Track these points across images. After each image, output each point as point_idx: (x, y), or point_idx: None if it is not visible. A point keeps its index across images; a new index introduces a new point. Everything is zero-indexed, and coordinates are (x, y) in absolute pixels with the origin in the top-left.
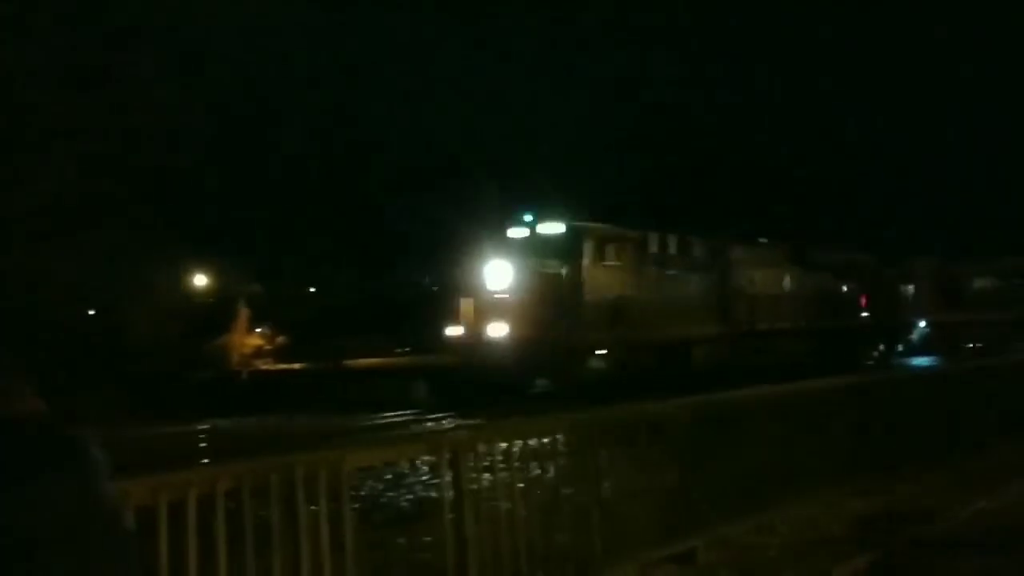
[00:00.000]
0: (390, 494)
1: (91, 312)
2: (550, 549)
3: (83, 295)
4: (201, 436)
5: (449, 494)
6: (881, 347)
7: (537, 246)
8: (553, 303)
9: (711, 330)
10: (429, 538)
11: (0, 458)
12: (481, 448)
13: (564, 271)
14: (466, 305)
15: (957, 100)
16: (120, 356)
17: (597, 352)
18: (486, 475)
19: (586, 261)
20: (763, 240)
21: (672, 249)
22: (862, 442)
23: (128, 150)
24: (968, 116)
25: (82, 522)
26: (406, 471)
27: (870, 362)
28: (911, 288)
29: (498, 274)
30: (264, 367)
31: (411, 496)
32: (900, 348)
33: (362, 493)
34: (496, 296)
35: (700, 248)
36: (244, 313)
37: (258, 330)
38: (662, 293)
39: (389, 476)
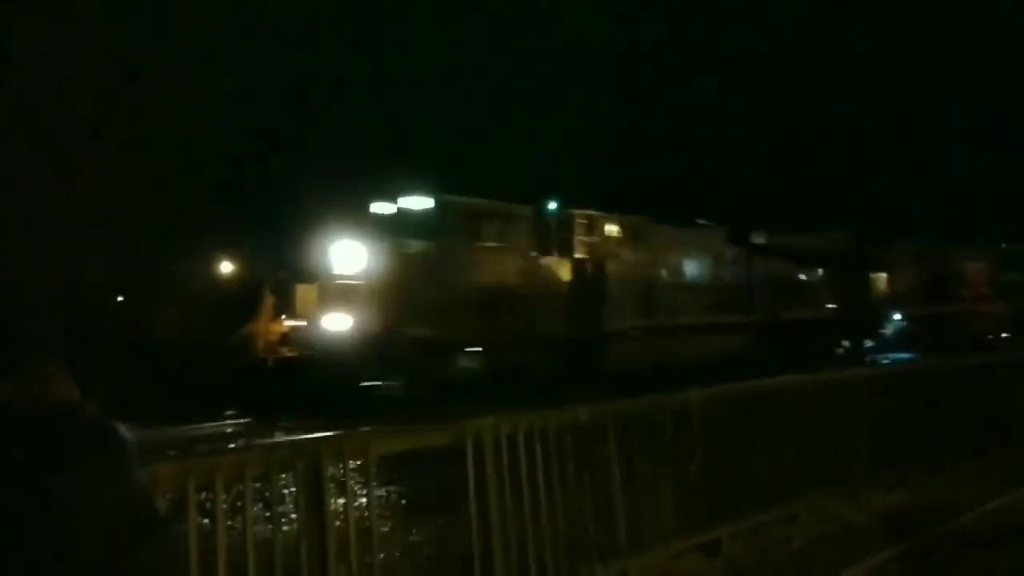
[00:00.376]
0: (414, 480)
1: (119, 298)
2: (574, 537)
3: (111, 285)
4: None
5: (472, 481)
6: (846, 343)
7: (400, 224)
8: (412, 290)
9: (627, 324)
10: (454, 525)
11: (41, 445)
12: (504, 435)
13: (428, 252)
14: (307, 292)
15: (953, 78)
16: (144, 348)
17: (468, 349)
18: (510, 462)
19: (457, 241)
20: (702, 221)
21: (579, 230)
22: (886, 435)
23: (156, 143)
24: (964, 99)
25: (117, 506)
26: (430, 458)
27: (826, 360)
28: (888, 276)
29: (345, 256)
30: (290, 354)
31: (435, 483)
32: (870, 344)
33: (387, 479)
34: (342, 282)
35: (616, 229)
36: (269, 300)
37: (283, 317)
38: (560, 280)
39: (413, 462)
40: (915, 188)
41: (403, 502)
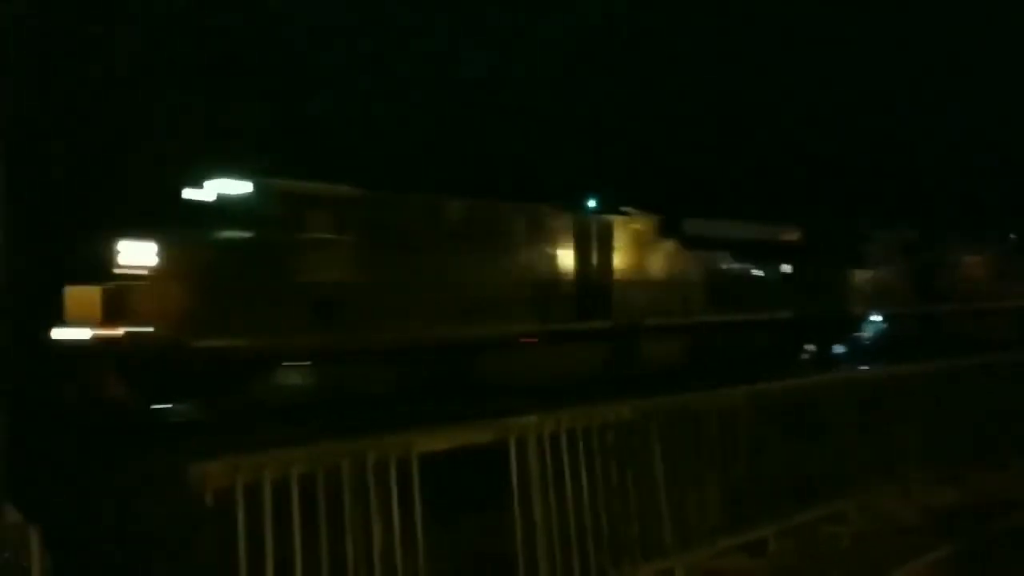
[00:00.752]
0: (457, 478)
1: None
2: (618, 536)
3: None
4: None
5: (516, 480)
6: (811, 347)
7: (212, 212)
8: (214, 291)
9: (517, 329)
10: (497, 522)
11: (103, 438)
12: (547, 433)
13: (239, 245)
14: (82, 295)
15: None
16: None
17: (289, 364)
18: (553, 460)
19: (277, 231)
20: (626, 209)
21: (453, 218)
22: (938, 431)
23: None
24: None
25: (172, 496)
26: (474, 456)
27: (782, 367)
28: (869, 271)
29: (133, 250)
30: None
31: (479, 481)
32: (841, 349)
33: (430, 477)
34: (127, 281)
35: (506, 219)
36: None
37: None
38: (426, 279)
39: (456, 460)
40: (904, 172)
41: (446, 499)
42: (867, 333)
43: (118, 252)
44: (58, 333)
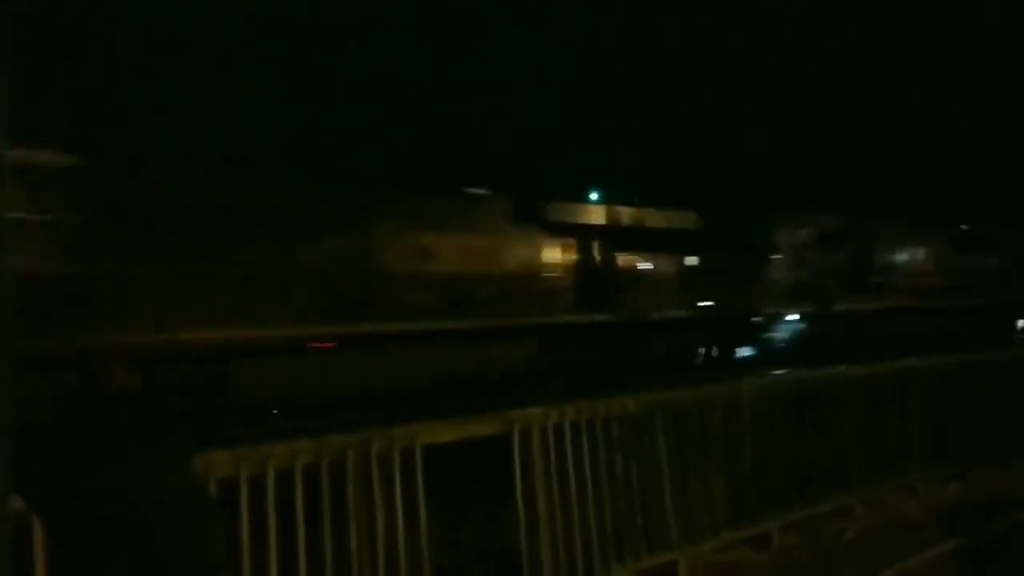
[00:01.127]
0: (461, 471)
1: None
2: (622, 528)
3: None
4: None
5: (519, 472)
6: (705, 350)
7: None
8: None
9: (305, 331)
10: (500, 516)
11: (106, 433)
12: (551, 425)
13: None
14: None
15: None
16: None
17: None
18: (557, 452)
19: None
20: (476, 191)
21: (218, 197)
22: (944, 428)
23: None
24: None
25: (179, 492)
26: (477, 448)
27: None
28: (785, 264)
29: None
30: None
31: (482, 473)
32: (747, 352)
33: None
34: None
35: (296, 201)
36: None
37: None
38: (172, 269)
39: (459, 453)
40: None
41: (449, 492)
42: (780, 334)
43: None
44: None
